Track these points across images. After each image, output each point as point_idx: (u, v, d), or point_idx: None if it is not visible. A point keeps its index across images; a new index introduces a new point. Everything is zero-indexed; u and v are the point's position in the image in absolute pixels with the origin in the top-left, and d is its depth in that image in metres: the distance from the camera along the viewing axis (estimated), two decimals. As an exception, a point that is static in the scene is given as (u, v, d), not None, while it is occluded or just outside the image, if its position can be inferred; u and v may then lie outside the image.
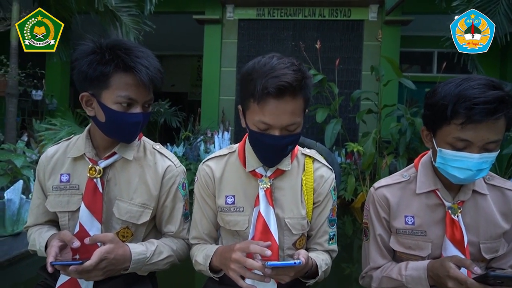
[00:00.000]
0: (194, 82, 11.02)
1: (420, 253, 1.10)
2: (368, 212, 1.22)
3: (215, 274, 1.12)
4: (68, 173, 1.17)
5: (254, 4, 6.83)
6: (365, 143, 4.93)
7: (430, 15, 6.40)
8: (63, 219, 1.16)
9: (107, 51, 1.05)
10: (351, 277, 2.79)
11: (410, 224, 1.13)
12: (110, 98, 1.06)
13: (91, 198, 1.11)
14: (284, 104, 0.99)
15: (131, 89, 1.06)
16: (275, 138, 1.03)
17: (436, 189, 1.11)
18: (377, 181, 1.24)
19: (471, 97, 0.94)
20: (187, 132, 6.26)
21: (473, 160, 0.97)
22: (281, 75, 0.97)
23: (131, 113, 1.08)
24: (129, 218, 1.15)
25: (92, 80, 1.05)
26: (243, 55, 6.97)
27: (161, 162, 1.22)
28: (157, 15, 5.24)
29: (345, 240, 3.81)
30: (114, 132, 1.12)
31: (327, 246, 1.20)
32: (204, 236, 1.22)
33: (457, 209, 1.08)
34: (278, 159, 1.12)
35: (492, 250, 1.08)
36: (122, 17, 4.45)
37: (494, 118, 0.93)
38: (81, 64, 1.06)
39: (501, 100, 0.93)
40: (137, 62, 1.05)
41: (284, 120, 1.01)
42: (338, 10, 6.77)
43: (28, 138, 5.18)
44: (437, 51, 7.84)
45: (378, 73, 5.11)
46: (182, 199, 1.25)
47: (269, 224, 1.09)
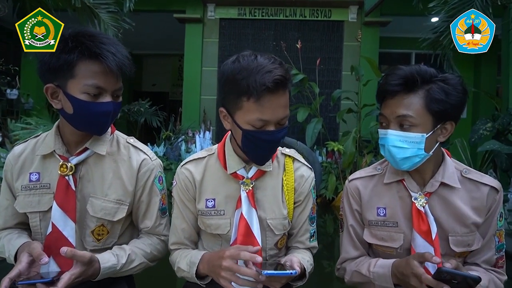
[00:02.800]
0: (175, 81, 10.93)
1: (393, 244, 1.12)
2: (343, 204, 1.25)
3: (202, 281, 1.10)
4: (38, 171, 1.12)
5: (235, 4, 6.81)
6: (346, 142, 4.98)
7: (408, 17, 6.54)
8: (34, 220, 1.11)
9: (70, 38, 1.00)
10: (333, 275, 2.81)
11: (382, 215, 1.14)
12: (76, 87, 1.01)
13: (63, 196, 1.07)
14: (279, 98, 1.00)
15: (98, 77, 1.01)
16: (272, 134, 1.02)
17: (402, 179, 1.14)
18: (352, 174, 1.27)
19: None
20: (168, 132, 6.20)
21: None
22: (273, 69, 0.97)
23: (101, 102, 1.03)
24: (104, 215, 1.11)
25: (56, 70, 1.00)
26: (225, 54, 6.94)
27: (135, 156, 1.18)
28: (137, 13, 5.16)
29: (326, 238, 3.84)
30: (84, 124, 1.07)
31: (308, 243, 1.21)
32: (185, 240, 1.20)
33: (423, 200, 1.09)
34: (270, 156, 1.12)
35: (462, 243, 1.08)
36: (100, 14, 4.35)
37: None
38: (43, 54, 1.01)
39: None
40: (103, 48, 1.00)
41: (279, 114, 1.01)
42: (319, 11, 6.83)
43: (3, 138, 5.02)
44: (415, 52, 8.02)
45: (358, 73, 5.19)
46: (159, 193, 1.22)
47: (252, 226, 1.08)
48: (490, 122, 4.48)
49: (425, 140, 1.04)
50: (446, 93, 1.02)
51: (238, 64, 1.01)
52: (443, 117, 1.05)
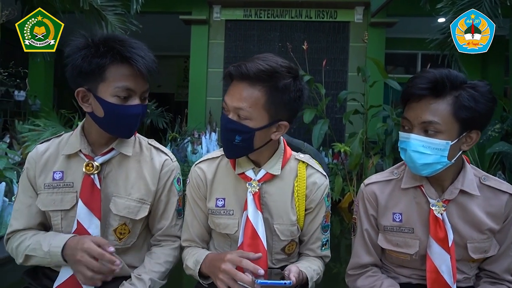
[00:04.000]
0: (180, 83, 10.95)
1: (408, 251, 1.10)
2: (357, 208, 1.22)
3: (204, 281, 1.11)
4: (62, 170, 1.14)
5: (241, 5, 6.82)
6: (352, 143, 4.96)
7: (414, 17, 6.51)
8: (56, 219, 1.12)
9: (101, 43, 1.04)
10: (338, 277, 2.80)
11: (397, 221, 1.12)
12: (107, 91, 1.04)
13: (89, 194, 1.09)
14: (240, 87, 1.03)
15: (128, 79, 1.05)
16: (223, 118, 1.07)
17: (421, 185, 1.11)
18: (367, 178, 1.24)
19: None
20: (174, 133, 6.21)
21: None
22: (253, 60, 1.02)
23: (130, 105, 1.07)
24: (127, 214, 1.13)
25: (87, 74, 1.04)
26: (230, 55, 6.95)
27: (157, 157, 1.22)
28: (144, 15, 5.18)
29: (333, 240, 3.80)
30: (114, 127, 1.10)
31: (320, 252, 1.20)
32: (196, 238, 1.21)
33: (441, 207, 1.07)
34: (229, 147, 1.10)
35: (479, 250, 1.07)
36: (107, 16, 4.38)
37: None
38: (75, 58, 1.03)
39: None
40: (133, 52, 1.04)
41: (234, 102, 1.03)
42: (325, 12, 6.82)
43: (10, 140, 5.06)
44: (421, 53, 7.98)
45: (364, 74, 5.16)
46: (177, 194, 1.23)
47: (257, 229, 1.08)
48: (499, 123, 4.44)
49: (449, 147, 1.01)
50: (475, 101, 0.99)
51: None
52: (469, 125, 1.02)
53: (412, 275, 1.15)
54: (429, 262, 1.07)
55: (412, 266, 1.14)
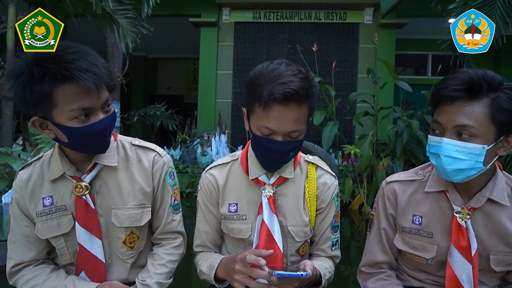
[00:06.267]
0: (190, 85, 11.02)
1: (424, 255, 1.07)
2: (377, 205, 1.20)
3: (220, 285, 1.12)
4: (50, 195, 1.08)
5: (250, 7, 6.85)
6: (362, 145, 4.93)
7: (425, 18, 6.47)
8: (59, 243, 1.08)
9: (34, 67, 0.90)
10: (349, 279, 2.79)
11: (417, 223, 1.09)
12: (63, 116, 0.94)
13: (84, 216, 1.05)
14: (289, 111, 0.99)
15: (81, 98, 0.93)
16: (277, 144, 1.02)
17: (446, 190, 1.07)
18: (390, 175, 1.20)
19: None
20: (184, 135, 6.25)
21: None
22: (288, 82, 0.96)
23: (93, 123, 0.96)
24: (131, 223, 1.10)
25: (34, 104, 0.93)
26: (239, 58, 6.98)
27: (145, 156, 1.16)
28: (154, 18, 5.24)
29: (343, 242, 3.81)
30: (83, 148, 1.02)
31: (330, 252, 1.20)
32: (208, 243, 1.21)
33: (465, 215, 1.02)
34: (279, 165, 1.12)
35: (504, 263, 1.02)
36: (119, 19, 4.43)
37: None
38: (16, 88, 0.92)
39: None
40: (71, 68, 0.90)
41: (287, 127, 1.00)
42: (334, 13, 6.81)
43: (23, 142, 5.14)
44: (432, 54, 7.92)
45: (374, 76, 5.14)
46: (170, 190, 1.20)
47: (273, 232, 1.09)
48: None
49: (485, 152, 0.94)
50: None
51: (262, 69, 1.02)
52: (507, 129, 0.96)
53: (427, 280, 1.12)
54: (449, 270, 1.03)
55: (428, 271, 1.11)
